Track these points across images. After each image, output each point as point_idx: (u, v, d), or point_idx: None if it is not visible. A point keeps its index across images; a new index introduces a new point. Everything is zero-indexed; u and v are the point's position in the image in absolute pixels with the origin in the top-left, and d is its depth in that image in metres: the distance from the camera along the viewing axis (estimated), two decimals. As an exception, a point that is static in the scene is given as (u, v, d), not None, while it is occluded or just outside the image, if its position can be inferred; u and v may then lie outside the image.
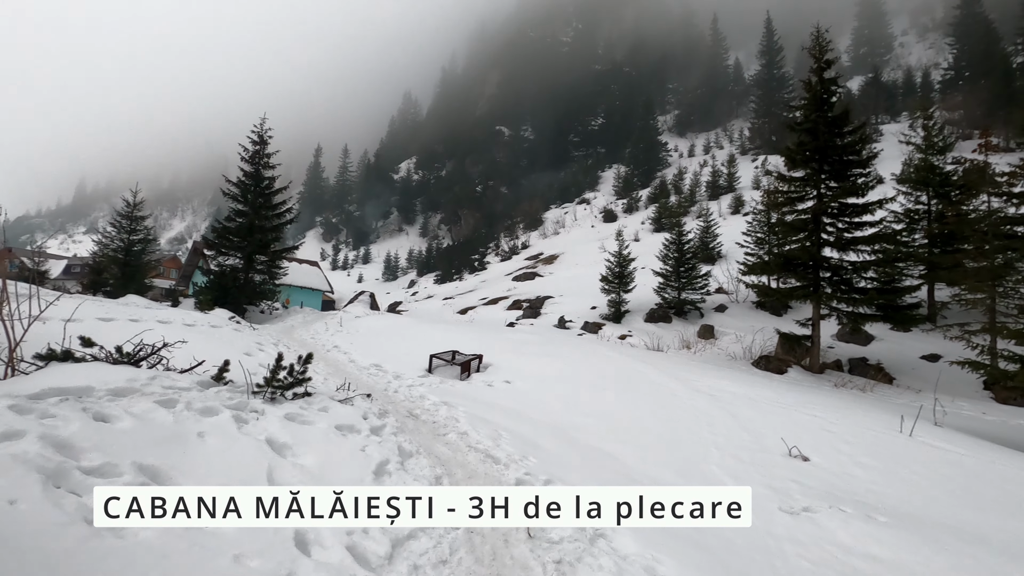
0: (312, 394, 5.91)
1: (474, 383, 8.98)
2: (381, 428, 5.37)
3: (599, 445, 6.28)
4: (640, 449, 6.26)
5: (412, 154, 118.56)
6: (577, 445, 6.20)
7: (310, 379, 5.97)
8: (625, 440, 6.52)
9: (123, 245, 19.38)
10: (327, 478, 4.07)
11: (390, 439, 5.12)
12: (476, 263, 57.07)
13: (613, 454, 6.03)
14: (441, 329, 14.39)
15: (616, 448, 6.22)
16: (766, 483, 5.44)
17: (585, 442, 6.34)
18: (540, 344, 12.23)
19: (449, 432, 6.00)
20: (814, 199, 15.96)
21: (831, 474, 5.87)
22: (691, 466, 5.84)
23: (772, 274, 18.27)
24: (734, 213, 42.18)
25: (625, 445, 6.35)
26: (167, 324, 10.12)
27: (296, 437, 4.65)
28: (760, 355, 16.47)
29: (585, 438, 6.48)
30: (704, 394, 8.61)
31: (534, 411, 7.36)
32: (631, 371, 9.84)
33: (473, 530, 3.75)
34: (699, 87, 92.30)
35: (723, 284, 25.22)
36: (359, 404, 5.97)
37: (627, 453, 6.09)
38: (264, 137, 19.70)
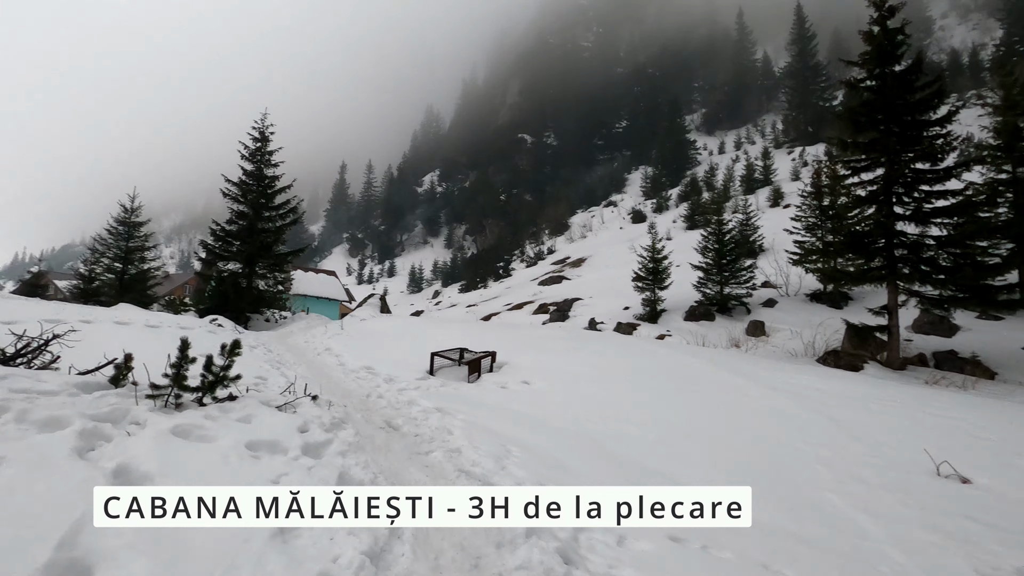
0: (237, 398, 4.16)
1: (484, 385, 7.15)
2: (323, 445, 3.57)
3: (650, 464, 4.35)
4: (711, 469, 4.31)
5: (435, 167, 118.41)
6: (619, 464, 4.29)
7: (238, 378, 4.23)
8: (687, 456, 4.57)
9: (120, 253, 18.35)
10: (182, 539, 2.29)
11: (332, 463, 3.31)
12: (501, 270, 55.36)
13: (673, 477, 4.09)
14: (452, 329, 12.60)
15: (675, 469, 4.28)
16: (929, 523, 3.43)
17: (630, 459, 4.43)
18: (566, 339, 10.31)
19: (434, 449, 4.16)
20: (883, 166, 13.68)
21: (1019, 504, 3.80)
22: (797, 495, 3.86)
23: (833, 258, 15.92)
24: (773, 206, 39.41)
25: (687, 464, 4.41)
26: (125, 326, 8.66)
27: (170, 463, 2.90)
28: (826, 351, 14.16)
29: (629, 453, 4.56)
30: (783, 392, 6.56)
31: (557, 417, 5.48)
32: (681, 366, 7.84)
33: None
34: (726, 83, 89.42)
35: (770, 277, 22.81)
36: (305, 411, 4.19)
37: (693, 476, 4.15)
38: (265, 134, 18.41)
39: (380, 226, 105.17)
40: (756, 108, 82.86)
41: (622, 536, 2.98)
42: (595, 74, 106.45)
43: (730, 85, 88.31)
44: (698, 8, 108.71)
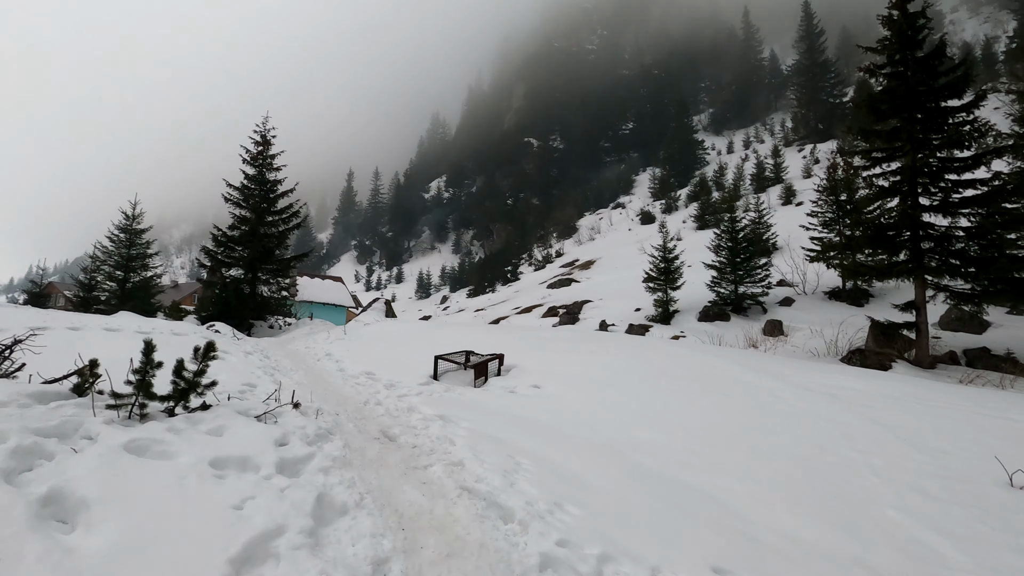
0: (211, 407, 3.69)
1: (491, 390, 6.65)
2: (304, 461, 3.09)
3: (682, 476, 3.83)
4: (752, 481, 3.78)
5: (442, 173, 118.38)
6: (645, 478, 3.78)
7: (213, 384, 3.77)
8: (722, 467, 4.05)
9: (121, 260, 18.06)
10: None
11: (312, 482, 2.83)
12: (509, 274, 54.88)
13: (708, 492, 3.57)
14: (458, 332, 12.11)
15: (711, 481, 3.76)
16: (1017, 544, 2.88)
17: (658, 472, 3.90)
18: (578, 341, 9.78)
19: (434, 463, 3.66)
20: (907, 155, 13.06)
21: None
22: (854, 512, 3.32)
23: (855, 252, 15.28)
24: (785, 204, 38.64)
25: (724, 475, 3.88)
26: (114, 332, 8.26)
27: (113, 487, 2.43)
28: (850, 350, 13.52)
29: (656, 464, 4.04)
30: (818, 393, 6.00)
31: (573, 424, 4.97)
32: (704, 367, 7.29)
33: None
34: (733, 83, 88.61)
35: (785, 275, 22.15)
36: (287, 421, 3.72)
37: (732, 490, 3.63)
38: (267, 137, 18.08)
39: (388, 233, 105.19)
40: (764, 107, 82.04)
41: (655, 568, 2.48)
42: (601, 76, 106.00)
43: (737, 84, 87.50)
44: (703, 8, 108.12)
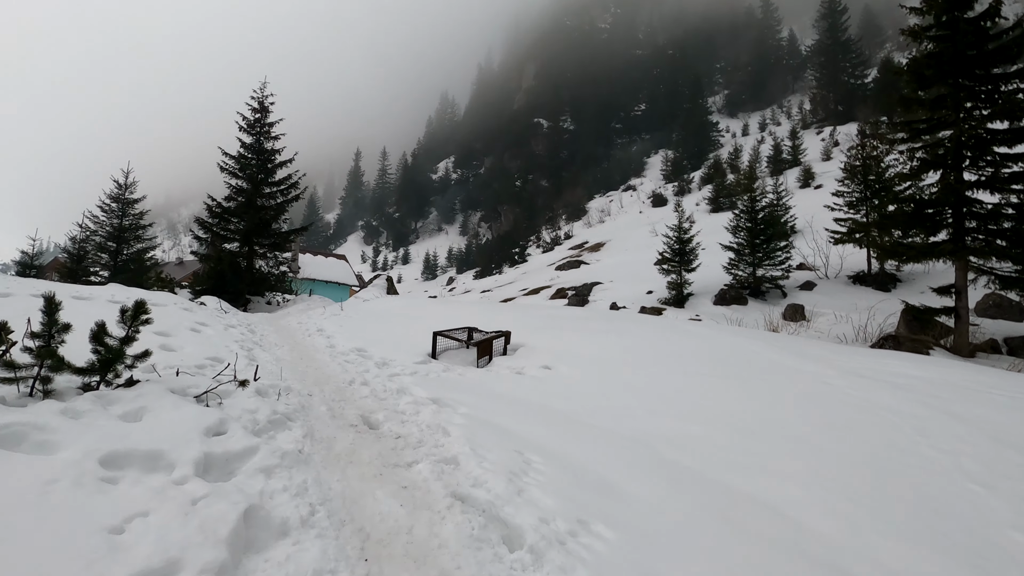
0: (137, 383, 2.93)
1: (496, 371, 5.88)
2: (240, 457, 2.32)
3: (731, 481, 3.04)
4: (820, 489, 2.98)
5: (450, 153, 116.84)
6: (685, 481, 2.99)
7: (145, 355, 3.00)
8: (778, 468, 3.24)
9: (113, 231, 17.37)
10: None
11: (246, 486, 2.05)
12: (516, 256, 53.97)
13: (769, 503, 2.78)
14: (462, 308, 11.33)
15: (769, 488, 2.97)
16: None
17: (700, 474, 3.11)
18: (593, 320, 8.98)
19: (420, 459, 2.88)
20: (951, 126, 12.03)
21: None
22: (970, 536, 2.53)
23: (888, 232, 14.32)
24: (803, 187, 37.41)
25: (782, 479, 3.09)
26: (85, 300, 7.57)
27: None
28: (880, 336, 12.64)
29: (695, 464, 3.24)
30: (873, 381, 5.19)
31: (591, 413, 4.18)
32: (735, 349, 6.48)
33: None
34: (750, 64, 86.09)
35: (806, 259, 21.16)
36: (235, 403, 2.94)
37: (799, 501, 2.83)
38: (265, 104, 17.20)
39: (395, 213, 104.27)
40: (781, 88, 79.68)
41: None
42: (613, 56, 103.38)
43: (754, 65, 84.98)
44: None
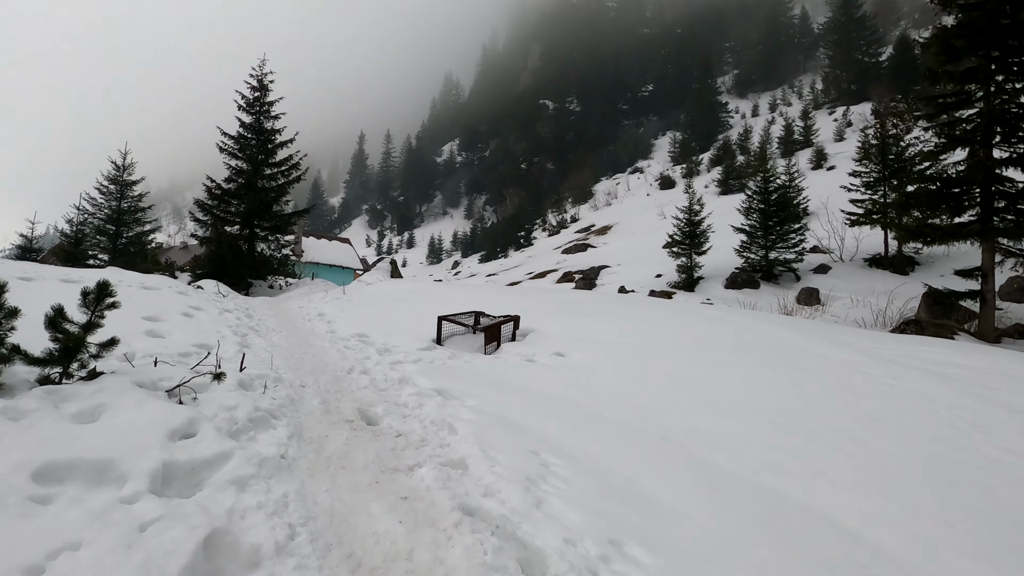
0: (99, 376, 2.58)
1: (505, 358, 5.52)
2: (209, 466, 1.97)
3: (776, 486, 2.68)
4: (881, 497, 2.61)
5: (455, 136, 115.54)
6: (725, 487, 2.63)
7: (111, 344, 2.64)
8: (828, 471, 2.87)
9: (111, 214, 17.04)
10: None
11: (212, 504, 1.70)
12: (522, 239, 53.43)
13: (825, 514, 2.43)
14: (469, 292, 10.97)
15: (823, 496, 2.60)
16: None
17: (739, 478, 2.75)
18: (605, 303, 8.59)
19: (423, 462, 2.52)
20: (982, 100, 11.44)
21: None
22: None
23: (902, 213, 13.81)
24: (815, 168, 36.60)
25: (835, 486, 2.72)
26: (73, 284, 7.24)
27: None
28: (901, 321, 12.20)
29: (732, 466, 2.88)
30: (916, 370, 4.81)
31: (611, 405, 3.82)
32: (759, 335, 6.09)
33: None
34: (760, 42, 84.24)
35: (821, 241, 20.62)
36: (212, 399, 2.59)
37: (861, 511, 2.47)
38: (264, 82, 16.70)
39: (399, 197, 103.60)
40: (793, 68, 78.02)
41: None
42: (620, 36, 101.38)
43: (764, 44, 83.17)
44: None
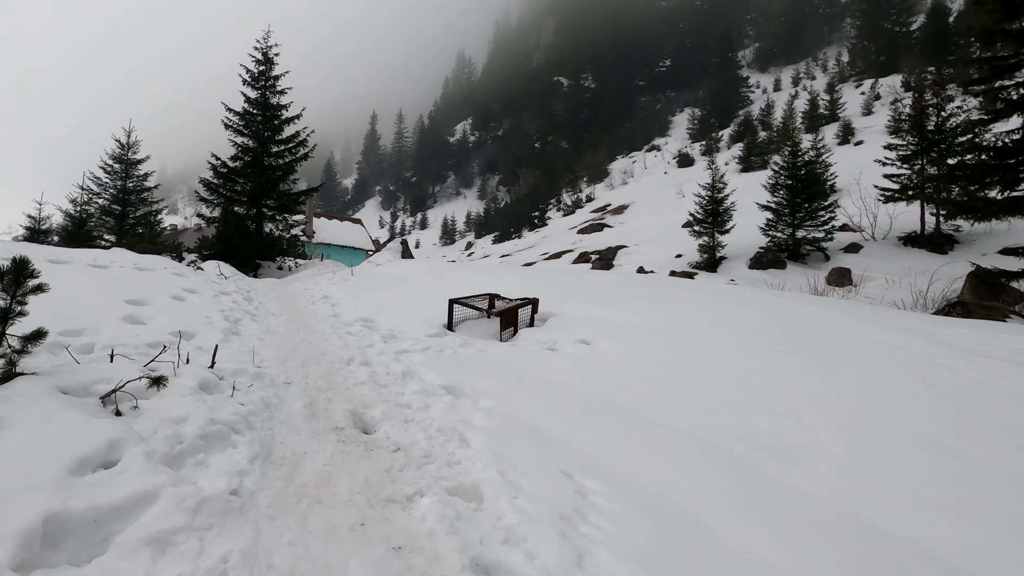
0: (18, 377, 2.04)
1: (523, 345, 4.94)
2: (119, 516, 1.42)
3: (881, 520, 2.07)
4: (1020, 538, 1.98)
5: (467, 115, 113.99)
6: (815, 522, 2.03)
7: (38, 337, 2.11)
8: (939, 496, 2.27)
9: (117, 194, 16.68)
10: None
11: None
12: (536, 220, 52.60)
13: (966, 573, 1.79)
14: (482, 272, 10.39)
15: (948, 537, 1.98)
16: None
17: (827, 504, 2.15)
18: (625, 284, 7.97)
19: (426, 489, 1.94)
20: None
21: None
22: None
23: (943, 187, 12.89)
24: (842, 143, 35.12)
25: (961, 519, 2.10)
26: (63, 264, 6.83)
27: None
28: (945, 303, 11.39)
29: (815, 488, 2.29)
30: (999, 360, 4.15)
31: (652, 405, 3.22)
32: (806, 319, 5.43)
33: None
34: (783, 14, 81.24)
35: (851, 219, 19.60)
36: (157, 407, 2.04)
37: (1001, 559, 1.84)
38: (269, 55, 16.06)
39: (412, 178, 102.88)
40: (817, 40, 75.18)
41: None
42: (636, 9, 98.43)
43: (787, 15, 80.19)
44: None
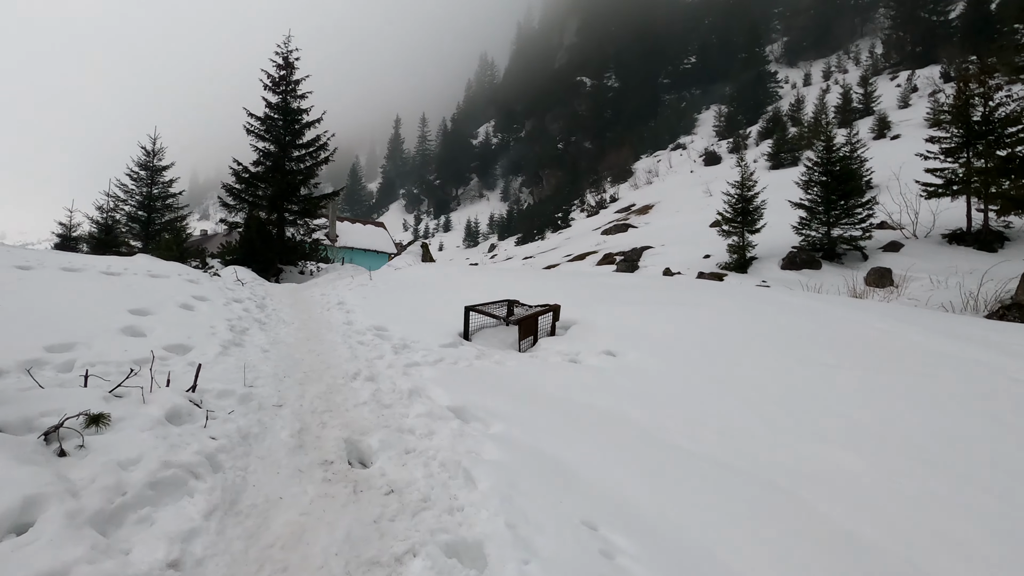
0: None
1: (543, 356, 4.57)
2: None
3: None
4: None
5: (490, 117, 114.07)
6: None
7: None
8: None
9: (142, 200, 16.86)
10: None
11: None
12: (559, 221, 52.07)
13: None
14: (503, 277, 10.05)
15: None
16: None
17: (912, 564, 1.70)
18: (653, 288, 7.51)
19: (419, 547, 1.58)
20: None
21: None
22: None
23: (1009, 176, 12.07)
24: (878, 137, 33.79)
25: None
26: (75, 272, 6.72)
27: None
28: (1001, 305, 10.61)
29: (892, 543, 1.90)
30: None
31: (684, 428, 2.82)
32: (857, 327, 4.93)
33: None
34: (812, 7, 79.03)
35: (891, 215, 18.66)
36: (106, 445, 1.74)
37: None
38: (290, 60, 16.05)
39: (435, 181, 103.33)
40: (848, 32, 72.94)
41: None
42: (660, 6, 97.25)
43: (817, 8, 77.99)
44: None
